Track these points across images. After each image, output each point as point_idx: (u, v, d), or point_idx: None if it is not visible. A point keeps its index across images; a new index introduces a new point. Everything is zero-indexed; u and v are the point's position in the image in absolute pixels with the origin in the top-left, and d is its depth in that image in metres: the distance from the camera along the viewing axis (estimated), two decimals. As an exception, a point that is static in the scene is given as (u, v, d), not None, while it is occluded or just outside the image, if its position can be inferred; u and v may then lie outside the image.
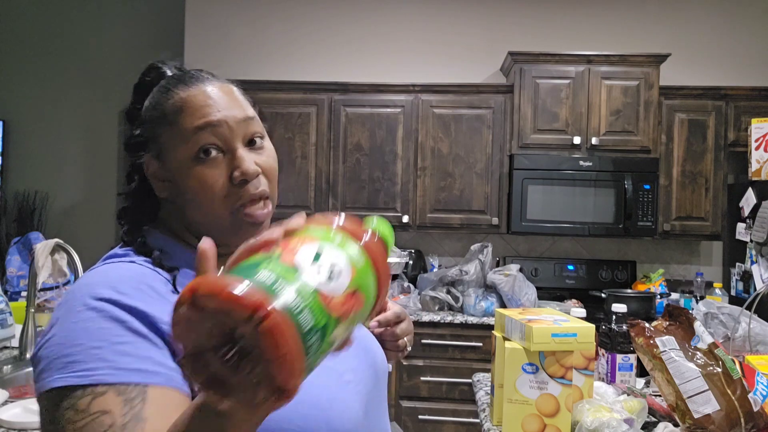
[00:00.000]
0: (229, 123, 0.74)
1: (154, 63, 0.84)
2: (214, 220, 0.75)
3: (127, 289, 0.66)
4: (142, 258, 0.73)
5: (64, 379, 0.60)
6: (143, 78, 0.83)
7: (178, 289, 0.69)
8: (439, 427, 3.10)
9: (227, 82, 0.80)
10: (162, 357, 0.63)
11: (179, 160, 0.74)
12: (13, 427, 1.38)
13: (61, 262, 2.07)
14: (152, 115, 0.77)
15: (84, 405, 0.59)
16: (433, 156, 3.51)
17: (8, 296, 2.34)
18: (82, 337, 0.62)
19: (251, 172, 0.74)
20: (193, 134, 0.73)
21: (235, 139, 0.75)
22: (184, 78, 0.78)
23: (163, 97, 0.76)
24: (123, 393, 0.59)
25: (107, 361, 0.60)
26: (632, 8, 3.82)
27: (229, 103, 0.76)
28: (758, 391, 1.37)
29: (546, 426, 1.31)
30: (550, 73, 3.41)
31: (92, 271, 0.71)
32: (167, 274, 0.71)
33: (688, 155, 3.45)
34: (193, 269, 0.74)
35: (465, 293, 3.22)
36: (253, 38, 3.93)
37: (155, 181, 0.78)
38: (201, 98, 0.75)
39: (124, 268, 0.70)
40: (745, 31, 3.79)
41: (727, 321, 1.91)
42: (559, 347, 1.30)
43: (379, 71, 3.87)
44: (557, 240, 3.79)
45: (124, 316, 0.63)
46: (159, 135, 0.76)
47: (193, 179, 0.74)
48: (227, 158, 0.74)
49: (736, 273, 3.21)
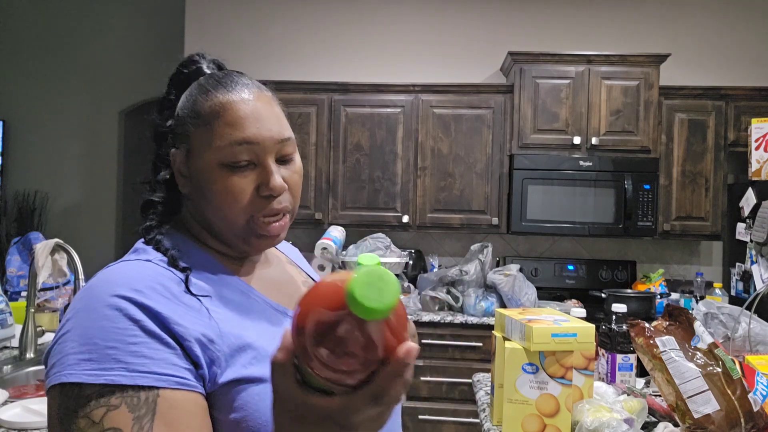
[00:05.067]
0: (267, 143, 0.74)
1: (193, 56, 0.83)
2: (230, 224, 0.76)
3: (144, 288, 0.66)
4: (158, 257, 0.73)
5: (76, 375, 0.60)
6: (181, 70, 0.83)
7: (190, 290, 0.70)
8: (439, 427, 3.10)
9: (267, 91, 0.79)
10: (175, 358, 0.63)
11: (208, 162, 0.74)
12: (13, 427, 1.38)
13: (61, 262, 2.07)
14: (187, 112, 0.76)
15: (97, 417, 0.59)
16: (433, 156, 3.51)
17: (8, 296, 2.34)
18: (98, 335, 0.62)
19: (278, 188, 0.74)
20: (227, 145, 0.73)
21: (268, 155, 0.75)
22: (225, 81, 0.77)
23: (202, 97, 0.76)
24: (135, 408, 0.60)
25: (121, 362, 0.61)
26: (632, 8, 3.82)
27: (269, 121, 0.75)
28: (758, 391, 1.37)
29: (546, 426, 1.31)
30: (550, 73, 3.41)
31: (111, 268, 0.71)
32: (181, 274, 0.71)
33: (688, 155, 3.45)
34: (206, 270, 0.74)
35: (465, 293, 3.22)
36: (253, 38, 3.93)
37: (179, 177, 0.78)
38: (242, 109, 0.74)
39: (141, 266, 0.70)
40: (745, 31, 3.79)
41: (727, 321, 1.91)
42: (559, 347, 1.30)
43: (379, 71, 3.87)
44: (557, 240, 3.79)
45: (139, 316, 0.63)
46: (191, 133, 0.76)
47: (219, 184, 0.73)
48: (257, 170, 0.74)
49: (736, 273, 3.21)
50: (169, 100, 0.82)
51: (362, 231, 3.58)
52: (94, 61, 4.83)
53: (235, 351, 0.68)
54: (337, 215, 3.54)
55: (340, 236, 3.37)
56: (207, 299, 0.71)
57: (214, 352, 0.66)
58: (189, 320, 0.66)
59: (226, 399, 0.66)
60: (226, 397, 0.66)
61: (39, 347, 1.94)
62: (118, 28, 4.80)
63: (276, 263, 0.88)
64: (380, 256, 3.29)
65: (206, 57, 0.84)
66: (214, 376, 0.66)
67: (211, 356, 0.66)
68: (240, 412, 0.66)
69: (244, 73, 0.81)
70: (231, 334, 0.69)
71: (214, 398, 0.66)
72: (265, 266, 0.85)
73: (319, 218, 3.53)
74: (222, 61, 0.86)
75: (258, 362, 0.69)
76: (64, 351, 0.62)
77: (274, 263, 0.88)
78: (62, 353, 0.63)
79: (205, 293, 0.71)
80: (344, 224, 3.49)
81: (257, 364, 0.69)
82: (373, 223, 3.53)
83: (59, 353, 0.63)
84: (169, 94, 0.82)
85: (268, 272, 0.84)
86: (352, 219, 3.54)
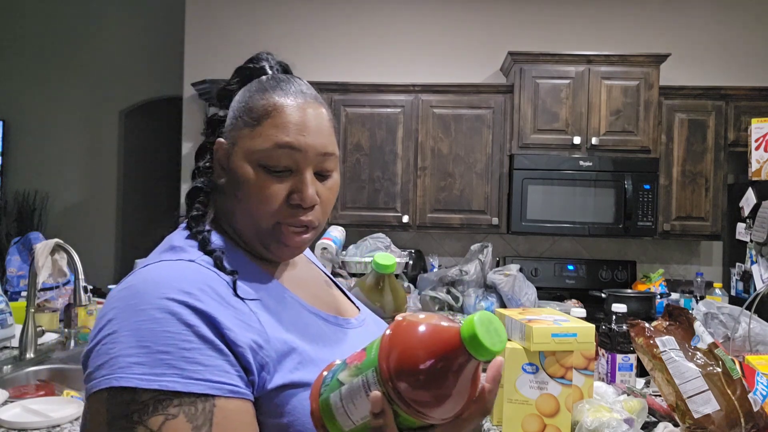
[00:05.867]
0: (309, 153, 0.73)
1: (262, 53, 0.84)
2: (255, 226, 0.75)
3: (195, 290, 0.64)
4: (201, 257, 0.70)
5: (127, 379, 0.58)
6: (247, 63, 0.83)
7: (238, 294, 0.68)
8: (439, 427, 3.10)
9: (322, 103, 0.78)
10: (228, 365, 0.62)
11: (248, 159, 0.73)
12: (13, 427, 1.38)
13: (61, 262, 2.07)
14: (242, 106, 0.76)
15: (155, 425, 0.58)
16: (433, 156, 3.51)
17: (8, 296, 2.33)
18: (149, 338, 0.60)
19: (309, 199, 0.73)
20: (271, 147, 0.72)
21: (308, 165, 0.74)
22: (284, 84, 0.77)
23: (258, 94, 0.76)
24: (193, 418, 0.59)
25: (175, 368, 0.59)
26: (632, 8, 3.82)
27: (317, 132, 0.75)
28: (758, 391, 1.37)
29: (546, 426, 1.31)
30: (550, 73, 3.41)
31: (154, 267, 0.68)
32: (227, 277, 0.69)
33: (688, 155, 3.45)
34: (248, 272, 0.73)
35: (465, 293, 3.22)
36: (253, 38, 3.93)
37: (218, 167, 0.78)
38: (292, 114, 0.74)
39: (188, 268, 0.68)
40: (745, 31, 3.79)
41: (727, 321, 1.91)
42: (559, 347, 1.30)
43: (379, 71, 3.87)
44: (557, 240, 3.79)
45: (192, 320, 0.62)
46: (239, 128, 0.75)
47: (253, 184, 0.73)
48: (293, 178, 0.74)
49: (736, 273, 3.21)
50: (228, 90, 0.82)
51: (362, 231, 3.58)
52: (94, 61, 4.83)
53: (282, 356, 0.67)
54: (337, 215, 3.54)
55: (340, 236, 3.36)
56: (254, 303, 0.69)
57: (264, 357, 0.65)
58: (240, 325, 0.65)
59: (274, 404, 0.66)
60: (273, 402, 0.66)
61: (39, 347, 1.94)
62: (118, 28, 4.80)
63: (301, 264, 0.88)
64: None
65: (274, 58, 0.84)
66: (263, 382, 0.65)
67: (261, 362, 0.65)
68: (287, 417, 0.66)
69: (305, 81, 0.80)
70: (277, 339, 0.68)
71: (261, 403, 0.65)
72: (293, 267, 0.85)
73: (319, 218, 3.53)
74: (289, 65, 0.86)
75: (303, 367, 0.68)
76: (113, 353, 0.60)
77: (300, 264, 0.87)
78: (111, 355, 0.60)
79: (253, 297, 0.70)
80: (344, 224, 3.48)
81: (303, 369, 0.68)
82: (373, 223, 3.53)
83: (107, 354, 0.60)
84: (230, 85, 0.82)
85: (297, 273, 0.84)
86: (352, 219, 3.54)
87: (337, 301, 0.86)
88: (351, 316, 0.85)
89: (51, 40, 4.84)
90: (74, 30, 4.84)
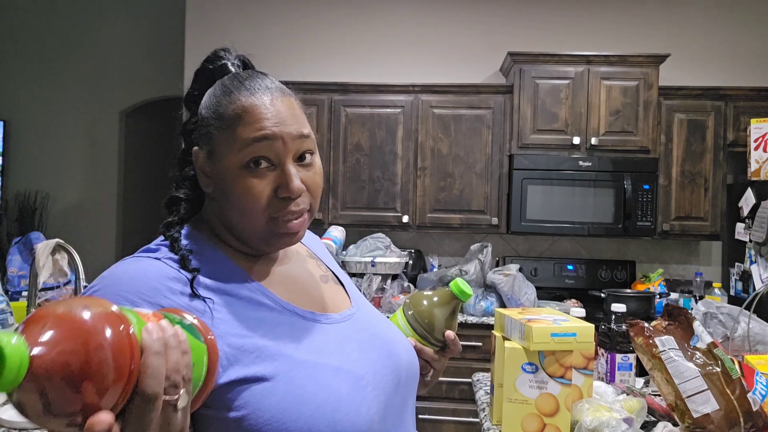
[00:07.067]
0: (284, 138, 0.75)
1: (218, 51, 0.84)
2: (250, 225, 0.77)
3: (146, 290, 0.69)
4: (168, 255, 0.74)
5: None
6: (205, 65, 0.84)
7: (194, 291, 0.71)
8: (439, 427, 3.10)
9: (289, 93, 0.80)
10: None
11: (229, 165, 0.75)
12: (13, 426, 1.39)
13: (61, 262, 2.07)
14: (210, 113, 0.77)
15: None
16: (432, 156, 3.51)
17: (9, 296, 2.34)
18: None
19: (296, 190, 0.75)
20: (247, 145, 0.74)
21: (287, 155, 0.76)
22: (248, 83, 0.77)
23: (225, 99, 0.76)
24: None
25: None
26: (632, 8, 3.83)
27: (289, 118, 0.76)
28: (757, 390, 1.37)
29: (545, 425, 1.31)
30: (550, 73, 3.42)
31: (122, 264, 0.73)
32: (189, 275, 0.72)
33: (688, 155, 3.46)
34: (219, 270, 0.76)
35: (465, 293, 3.22)
36: (253, 38, 3.93)
37: (201, 175, 0.79)
38: (262, 110, 0.75)
39: (151, 265, 0.72)
40: (745, 31, 3.79)
41: (726, 321, 1.92)
42: (558, 347, 1.30)
43: (379, 71, 3.87)
44: (557, 240, 3.80)
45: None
46: (213, 135, 0.77)
47: (240, 186, 0.75)
48: (276, 172, 0.75)
49: (735, 273, 3.22)
50: (193, 95, 0.83)
51: (362, 231, 3.59)
52: (94, 61, 4.83)
53: (237, 351, 0.69)
54: (337, 215, 3.54)
55: (340, 236, 3.37)
56: (210, 300, 0.72)
57: None
58: None
59: (227, 398, 0.67)
60: (226, 396, 0.67)
61: (40, 347, 1.94)
62: (118, 28, 4.80)
63: (295, 259, 0.89)
64: (380, 256, 3.30)
65: (232, 53, 0.85)
66: None
67: None
68: (240, 410, 0.67)
69: (267, 74, 0.81)
70: (233, 334, 0.70)
71: (212, 398, 0.66)
72: (282, 263, 0.85)
73: (319, 218, 3.54)
74: (248, 58, 0.87)
75: (261, 361, 0.70)
76: None
77: (293, 259, 0.88)
78: None
79: (212, 294, 0.73)
80: (344, 224, 3.49)
81: (260, 363, 0.69)
82: (373, 223, 3.54)
83: None
84: (193, 89, 0.83)
85: (285, 269, 0.85)
86: (353, 219, 3.54)
87: (326, 297, 0.86)
88: (339, 311, 0.85)
89: (51, 40, 4.84)
90: (74, 30, 4.84)
